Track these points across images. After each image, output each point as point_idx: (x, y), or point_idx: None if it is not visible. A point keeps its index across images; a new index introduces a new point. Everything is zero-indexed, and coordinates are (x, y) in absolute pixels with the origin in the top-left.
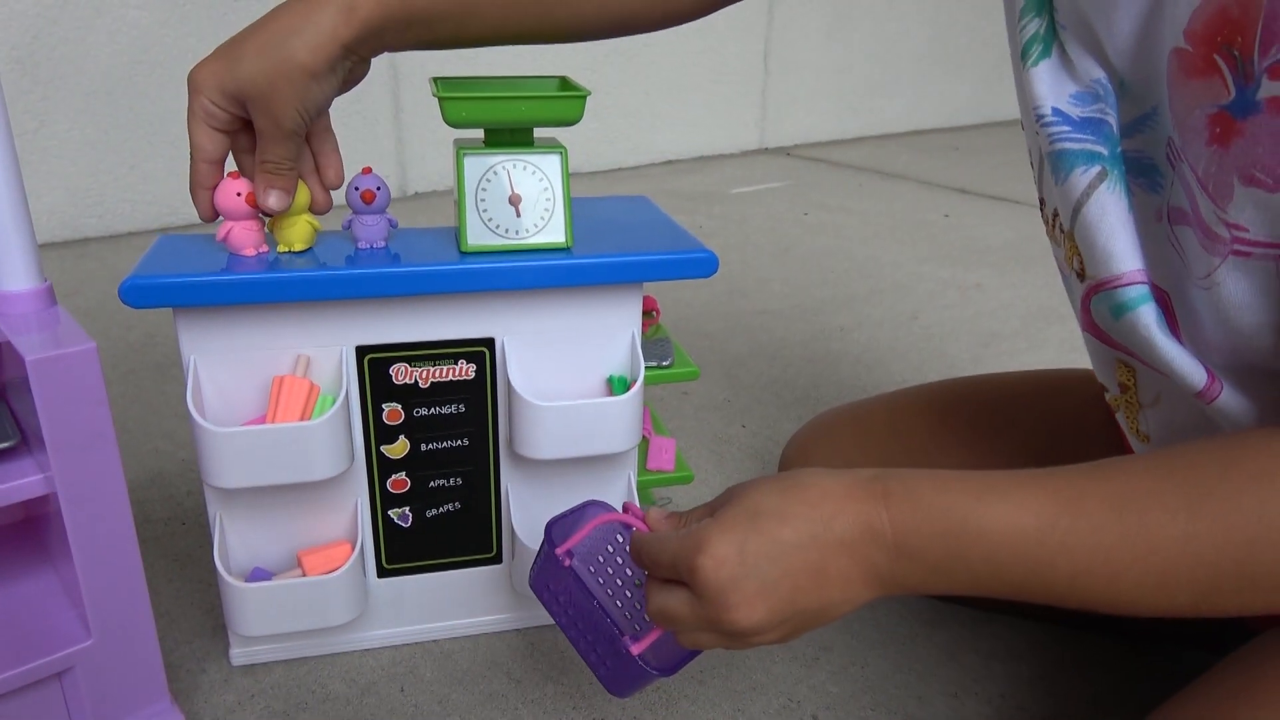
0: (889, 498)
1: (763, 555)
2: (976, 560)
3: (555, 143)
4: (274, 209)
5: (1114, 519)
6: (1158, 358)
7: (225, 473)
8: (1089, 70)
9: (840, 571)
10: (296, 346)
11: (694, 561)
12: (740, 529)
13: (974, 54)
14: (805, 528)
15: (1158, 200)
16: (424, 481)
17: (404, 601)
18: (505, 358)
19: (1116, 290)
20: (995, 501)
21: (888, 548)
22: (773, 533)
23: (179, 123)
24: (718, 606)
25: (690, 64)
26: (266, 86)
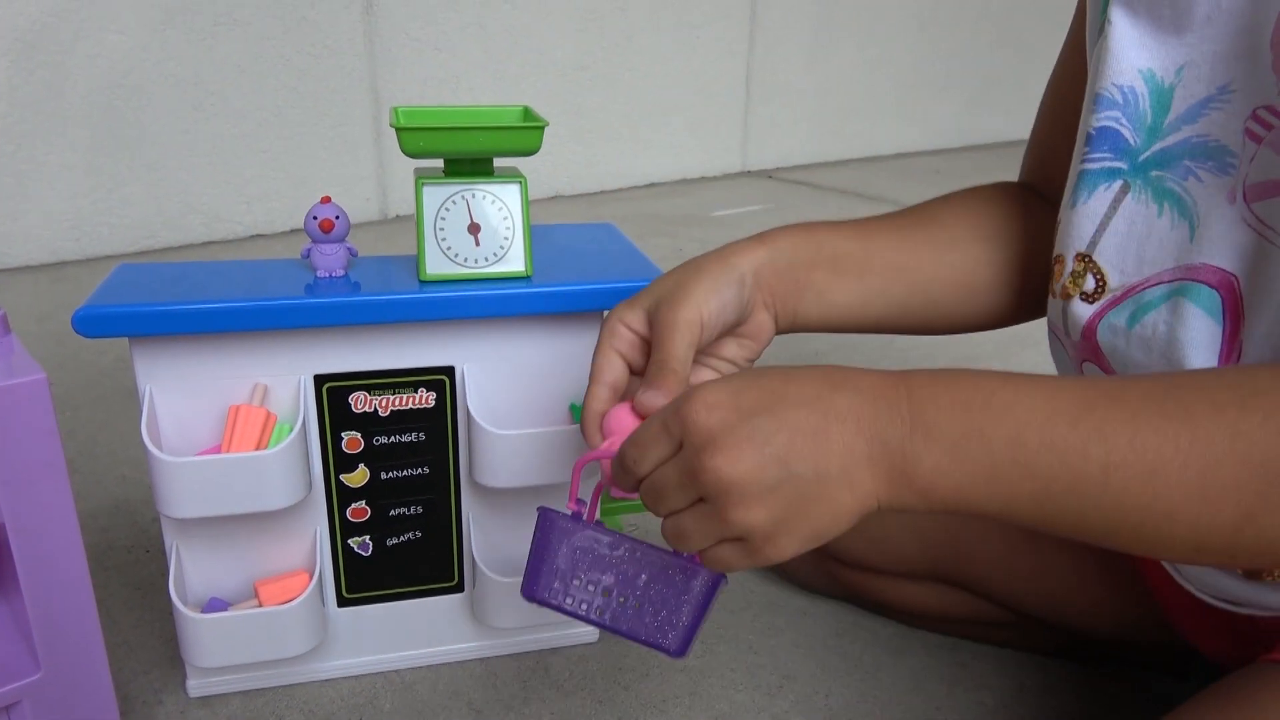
0: (910, 381)
1: (760, 405)
2: (1000, 441)
3: (515, 172)
4: (647, 407)
5: (1156, 408)
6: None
7: (179, 503)
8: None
9: (844, 440)
10: (254, 375)
11: (684, 408)
12: (739, 379)
13: (956, 78)
14: (811, 388)
15: (1229, 182)
16: (384, 510)
17: (364, 631)
18: (465, 386)
19: (1144, 292)
20: (1025, 381)
21: (902, 417)
22: (774, 387)
23: (158, 146)
24: (703, 452)
25: (672, 87)
26: (674, 285)
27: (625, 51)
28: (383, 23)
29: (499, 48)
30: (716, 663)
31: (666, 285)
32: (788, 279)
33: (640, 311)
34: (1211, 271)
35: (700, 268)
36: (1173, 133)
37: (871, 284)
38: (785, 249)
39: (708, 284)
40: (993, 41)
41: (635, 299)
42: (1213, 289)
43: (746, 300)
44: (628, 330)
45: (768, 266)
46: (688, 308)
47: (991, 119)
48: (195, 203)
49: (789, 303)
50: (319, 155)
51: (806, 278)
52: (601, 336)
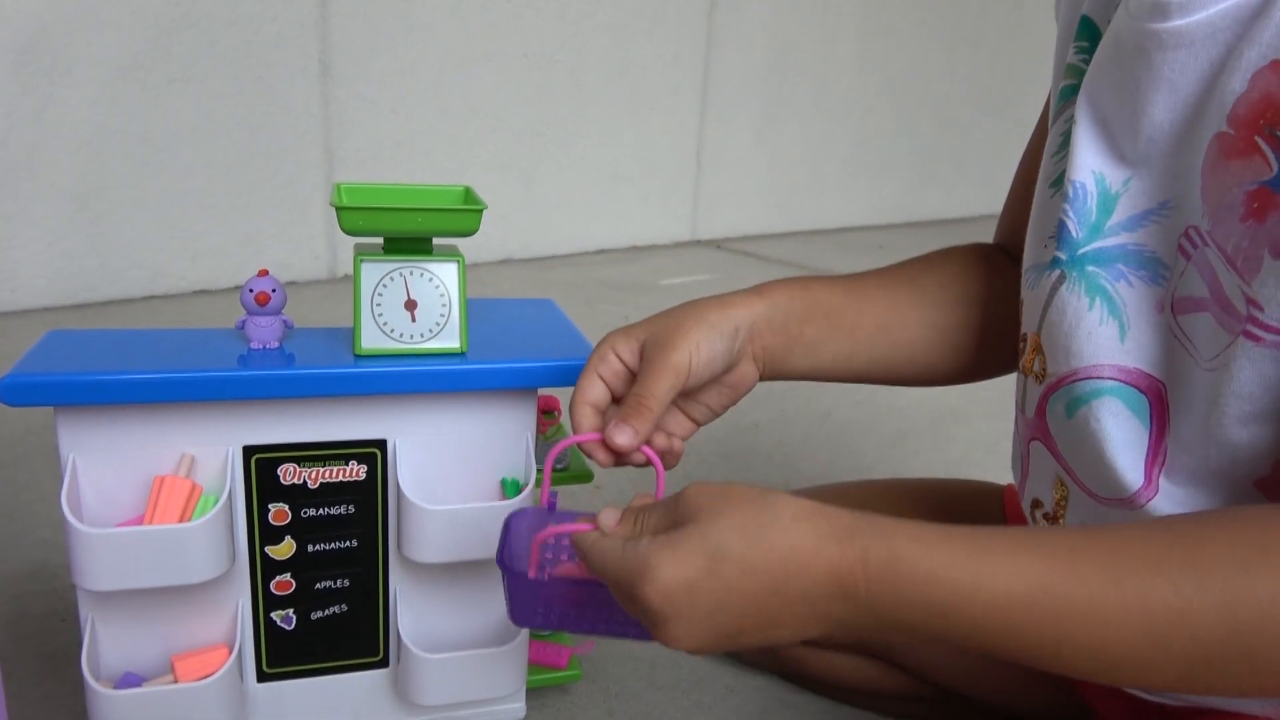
0: (867, 562)
1: (714, 600)
2: (954, 629)
3: (454, 250)
4: (619, 445)
5: (1112, 587)
6: (1100, 453)
7: (97, 575)
8: (1077, 168)
9: (795, 617)
10: (181, 445)
11: (639, 587)
12: (693, 565)
13: (897, 158)
14: (766, 581)
15: (1159, 292)
16: (310, 583)
17: (285, 707)
18: (396, 459)
19: (1073, 385)
20: (985, 567)
21: (857, 606)
22: (729, 580)
23: (103, 201)
24: (656, 628)
25: (625, 157)
26: (671, 325)
27: (579, 120)
28: (339, 85)
29: (454, 113)
30: None
31: (665, 324)
32: (781, 335)
33: (634, 343)
34: (1141, 376)
35: (700, 314)
36: (1112, 235)
37: (859, 340)
38: (782, 304)
39: (704, 332)
40: (933, 123)
41: (631, 329)
42: (1141, 393)
43: (737, 352)
44: (616, 359)
45: (764, 320)
46: (679, 352)
47: (932, 197)
48: (138, 257)
49: (778, 356)
50: (268, 213)
51: (799, 333)
52: (590, 358)
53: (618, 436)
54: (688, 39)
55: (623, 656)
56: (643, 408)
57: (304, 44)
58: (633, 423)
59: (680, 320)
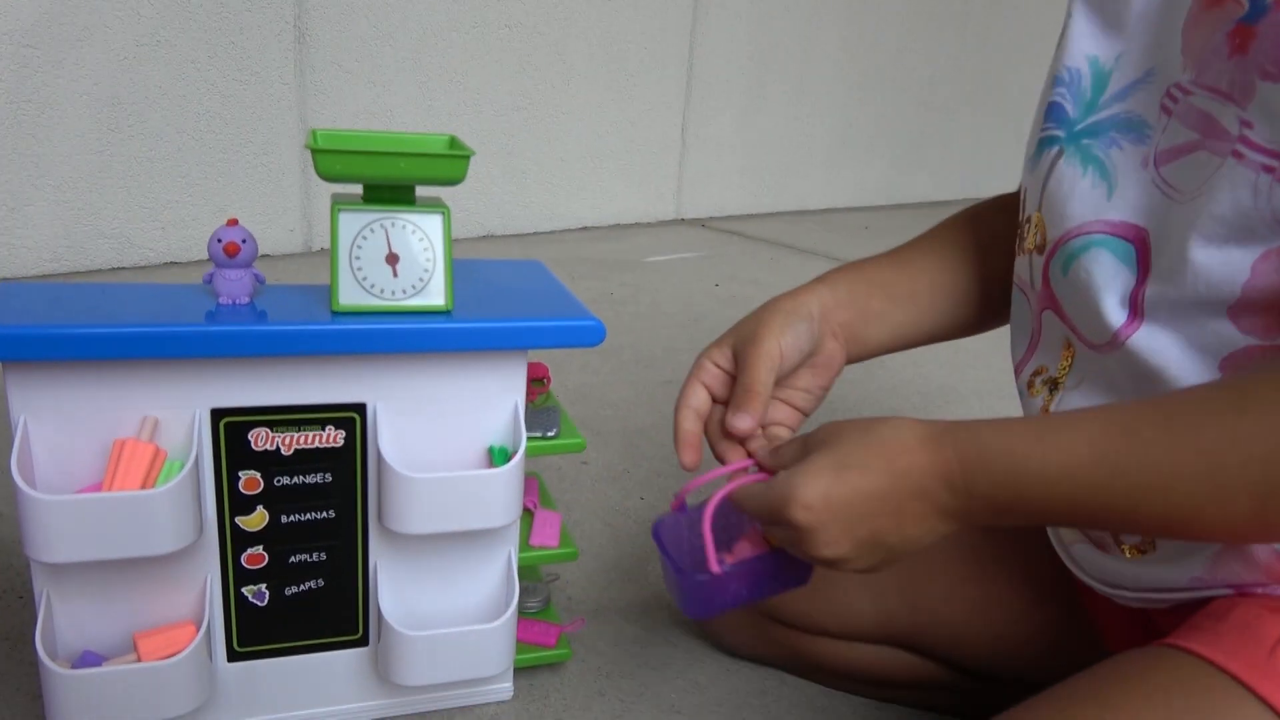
0: (957, 447)
1: (845, 502)
2: (1037, 498)
3: (438, 202)
4: (740, 430)
5: (1163, 432)
6: (1090, 298)
7: (52, 546)
8: (1071, 54)
9: (916, 513)
10: (143, 407)
11: (784, 512)
12: (825, 477)
13: (882, 139)
14: (884, 480)
15: (1144, 150)
16: (284, 556)
17: (257, 688)
18: (377, 425)
19: (1070, 242)
20: (1052, 438)
21: (958, 492)
22: (854, 483)
23: (67, 165)
24: (809, 544)
25: (608, 133)
26: (753, 323)
27: (562, 95)
28: (315, 52)
29: (433, 84)
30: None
31: (748, 325)
32: (851, 310)
33: (726, 349)
34: (1127, 227)
35: (775, 307)
36: (1105, 109)
37: (922, 305)
38: (842, 284)
39: (782, 320)
40: (918, 106)
41: (721, 339)
42: (1128, 242)
43: (817, 333)
44: (714, 366)
45: (831, 300)
46: (768, 341)
47: (916, 180)
48: (105, 227)
49: (854, 330)
50: (241, 182)
51: (866, 306)
52: (691, 371)
53: (737, 423)
54: (673, 13)
55: (615, 636)
56: (751, 394)
57: (279, 7)
58: (746, 409)
59: (760, 316)
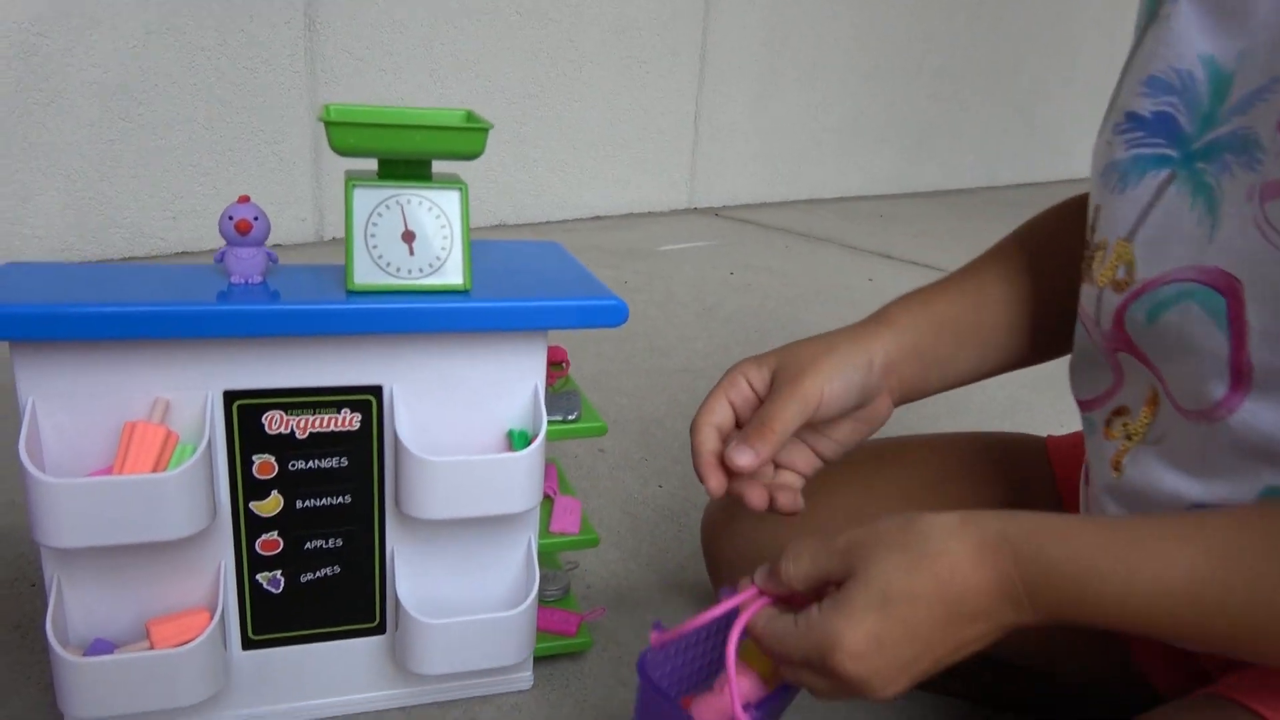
0: (1020, 563)
1: (900, 642)
2: (1112, 619)
3: (456, 178)
4: (738, 465)
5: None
6: (1183, 356)
7: (61, 531)
8: (1180, 54)
9: (978, 635)
10: (153, 389)
11: (831, 660)
12: (872, 618)
13: (894, 128)
14: (938, 610)
15: (1252, 178)
16: (299, 542)
17: (272, 677)
18: (394, 407)
19: (1162, 288)
20: (1137, 560)
21: (1022, 608)
22: (905, 619)
23: (78, 155)
24: (860, 691)
25: (621, 121)
26: (804, 355)
27: (574, 82)
28: (325, 40)
29: (444, 71)
30: None
31: (796, 353)
32: (914, 361)
33: (765, 371)
34: (1218, 274)
35: (833, 345)
36: (1225, 123)
37: (988, 342)
38: (908, 328)
39: (835, 364)
40: (931, 95)
41: (764, 357)
42: (1217, 292)
43: (871, 388)
44: (746, 385)
45: (896, 350)
46: (810, 382)
47: (929, 169)
48: (117, 216)
49: (914, 384)
50: (252, 171)
51: (932, 355)
52: (720, 382)
53: (737, 457)
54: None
55: (635, 625)
56: (766, 430)
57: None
58: (754, 444)
59: (813, 351)
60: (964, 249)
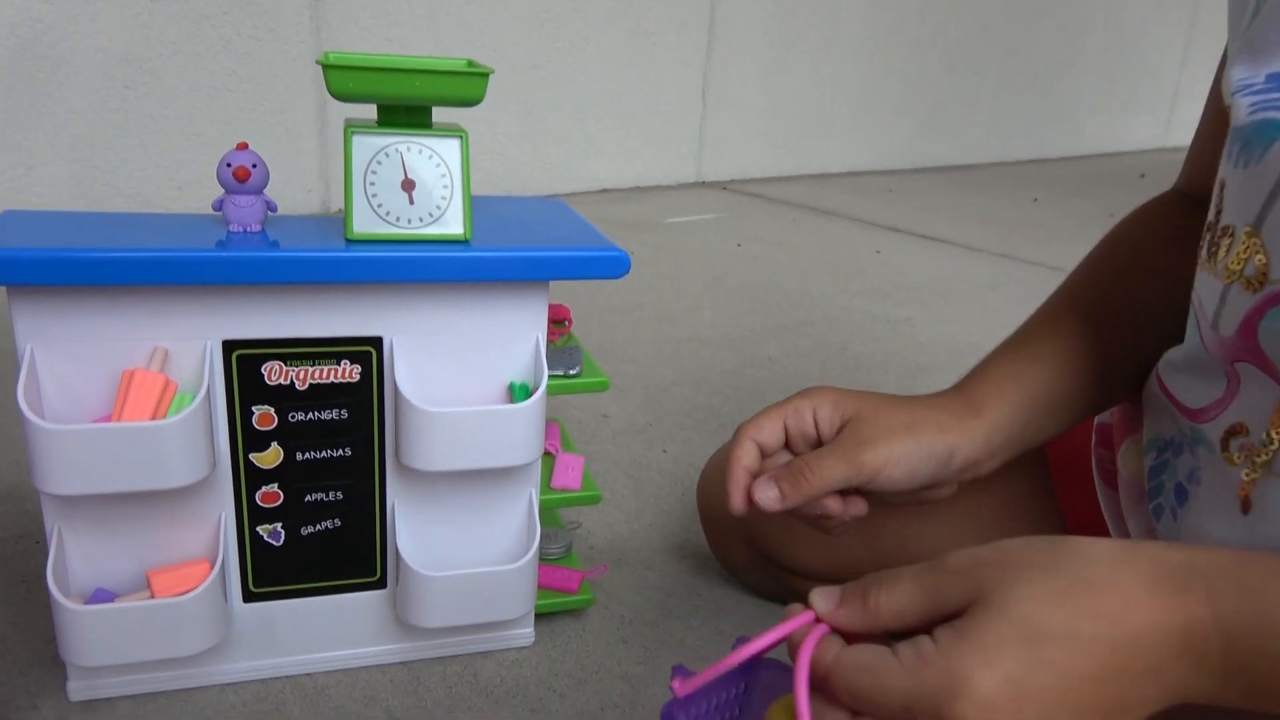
0: (1218, 612)
1: (1046, 694)
2: None
3: (456, 127)
4: (759, 501)
5: None
6: None
7: (60, 477)
8: None
9: (1138, 700)
10: (152, 338)
11: (950, 710)
12: (1011, 659)
13: (907, 100)
14: (1105, 659)
15: None
16: (299, 495)
17: (273, 630)
18: (394, 359)
19: None
20: None
21: (1210, 670)
22: (1060, 666)
23: (83, 123)
24: None
25: (628, 93)
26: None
27: (581, 54)
28: (331, 9)
29: (450, 41)
30: (659, 669)
31: (876, 417)
32: (1002, 454)
33: (837, 416)
34: None
35: (915, 425)
36: None
37: (1077, 407)
38: (1003, 425)
39: (912, 450)
40: (943, 67)
41: (844, 398)
42: None
43: (943, 479)
44: (811, 418)
45: (983, 451)
46: (875, 456)
47: (940, 143)
48: (122, 185)
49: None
50: (257, 142)
51: (1020, 440)
52: (788, 401)
53: (761, 493)
54: None
55: (637, 584)
56: (802, 482)
57: None
58: (783, 488)
59: (893, 422)
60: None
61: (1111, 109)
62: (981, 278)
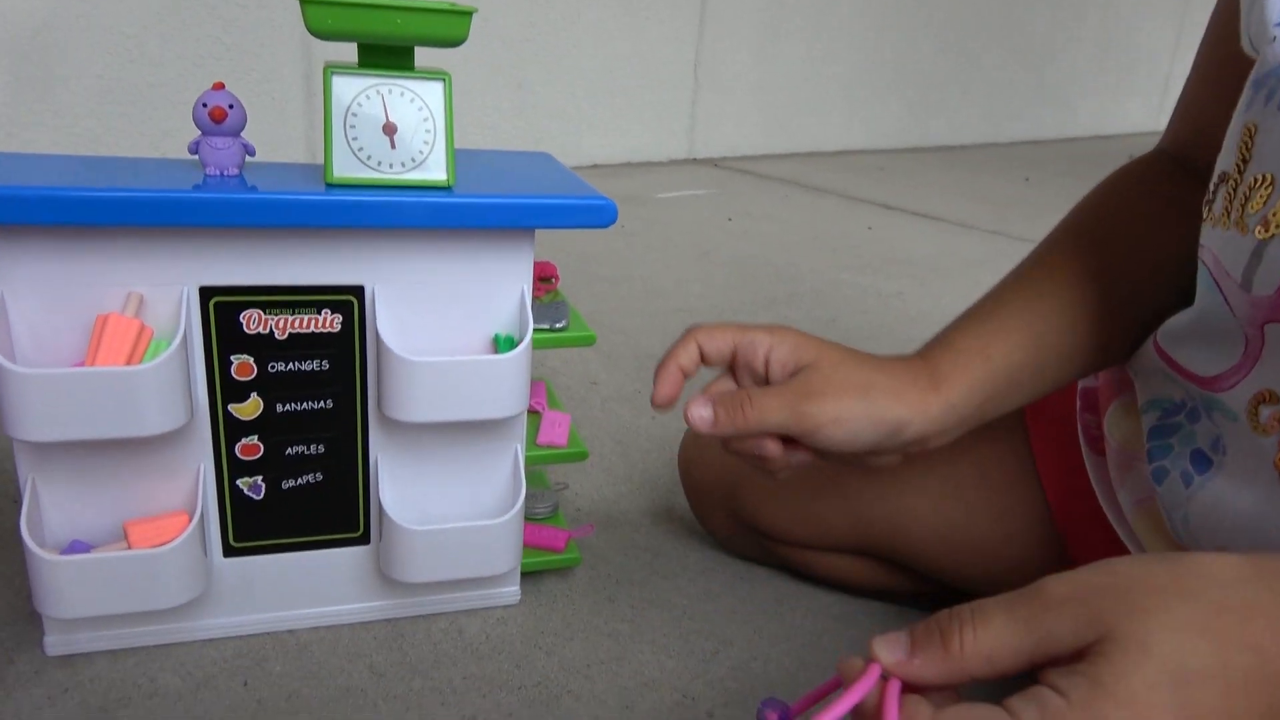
0: None
1: None
2: None
3: (440, 71)
4: (690, 419)
5: None
6: None
7: (32, 423)
8: None
9: None
10: (128, 282)
11: None
12: (1161, 708)
13: (899, 80)
14: (1261, 695)
15: None
16: (280, 448)
17: (254, 585)
18: (375, 309)
19: None
20: None
21: None
22: (1216, 709)
23: (67, 91)
24: None
25: (620, 68)
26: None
27: (573, 26)
28: None
29: None
30: (646, 627)
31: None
32: (956, 429)
33: (791, 359)
34: None
35: (870, 390)
36: None
37: (1044, 383)
38: (959, 404)
39: (860, 413)
40: (937, 47)
41: (804, 344)
42: None
43: (888, 447)
44: (763, 354)
45: (937, 429)
46: (819, 412)
47: (934, 123)
48: (106, 153)
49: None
50: None
51: (978, 417)
52: (747, 326)
53: (694, 409)
54: None
55: (625, 545)
56: (739, 413)
57: None
58: (719, 413)
59: (847, 382)
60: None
61: (1104, 91)
62: (973, 254)
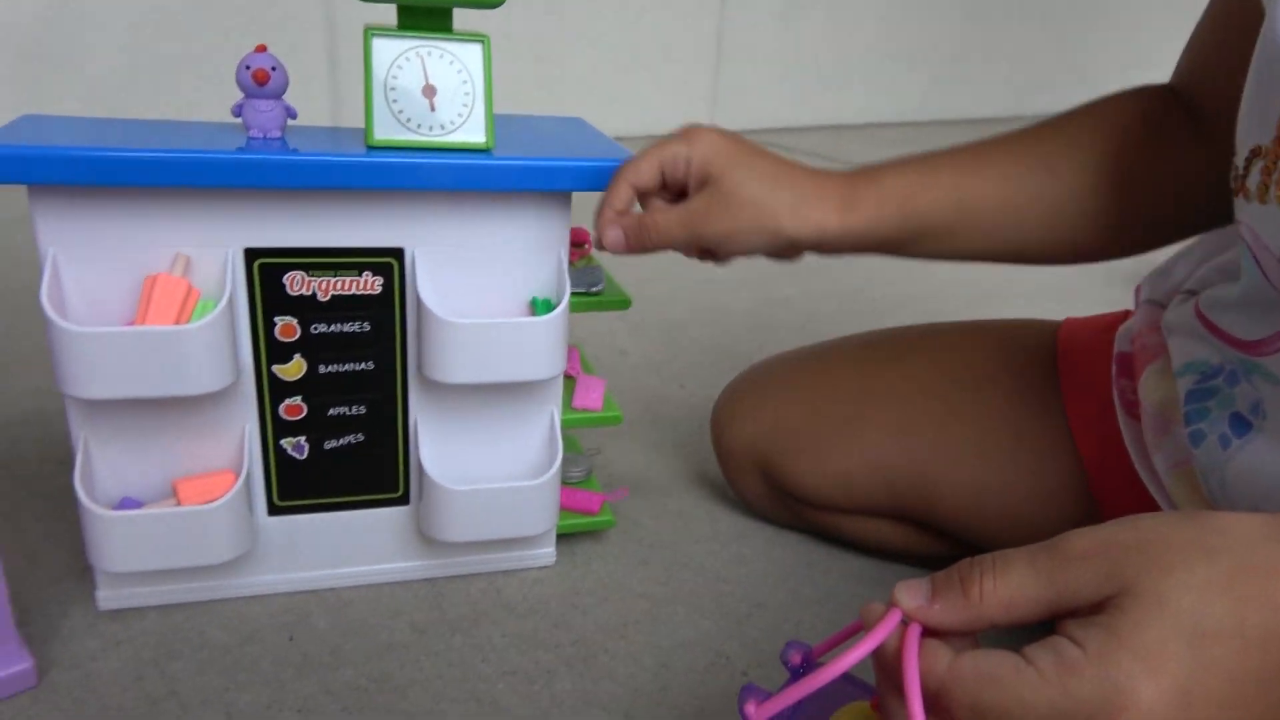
0: None
1: (1215, 702)
2: None
3: (478, 32)
4: (606, 243)
5: None
6: None
7: (84, 380)
8: None
9: None
10: (175, 244)
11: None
12: (1177, 663)
13: (926, 51)
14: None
15: None
16: (322, 408)
17: (298, 544)
18: (415, 271)
19: None
20: None
21: None
22: (1230, 666)
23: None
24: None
25: (641, 41)
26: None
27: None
28: None
29: None
30: (681, 590)
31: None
32: (854, 250)
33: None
34: None
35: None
36: None
37: (970, 245)
38: (876, 230)
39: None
40: (962, 19)
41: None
42: None
43: (793, 256)
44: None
45: (827, 246)
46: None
47: (959, 96)
48: None
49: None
50: None
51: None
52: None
53: (605, 233)
54: None
55: (657, 510)
56: (643, 235)
57: None
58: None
59: (749, 195)
60: None
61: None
62: None
